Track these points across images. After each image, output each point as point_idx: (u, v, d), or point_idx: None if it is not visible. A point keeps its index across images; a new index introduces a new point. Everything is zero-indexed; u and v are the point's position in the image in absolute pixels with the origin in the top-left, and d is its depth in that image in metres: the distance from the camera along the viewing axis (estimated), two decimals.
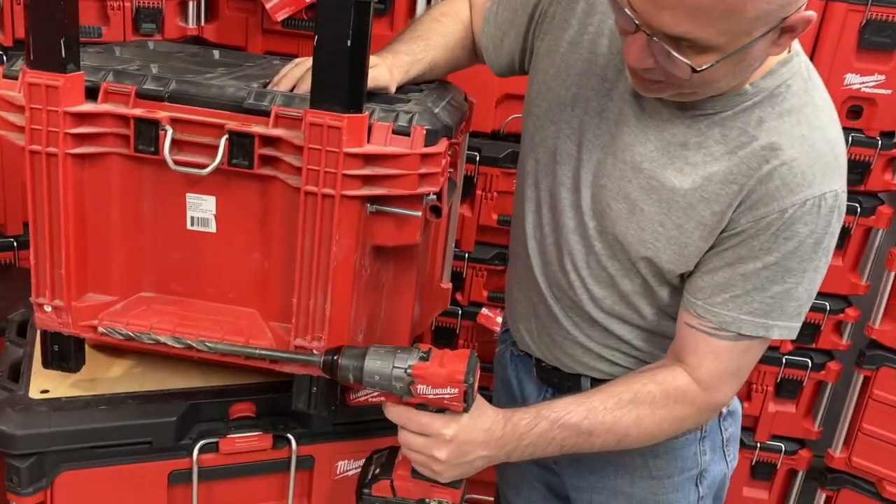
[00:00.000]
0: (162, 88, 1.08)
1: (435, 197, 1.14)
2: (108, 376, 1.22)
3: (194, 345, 1.09)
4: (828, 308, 2.08)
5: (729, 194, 1.06)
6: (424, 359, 1.04)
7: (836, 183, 1.06)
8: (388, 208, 1.08)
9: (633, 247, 1.12)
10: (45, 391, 1.17)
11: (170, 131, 1.06)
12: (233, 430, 1.21)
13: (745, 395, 2.21)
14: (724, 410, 1.30)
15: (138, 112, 1.06)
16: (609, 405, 1.11)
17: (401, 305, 1.29)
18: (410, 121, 1.07)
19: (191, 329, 1.12)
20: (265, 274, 1.13)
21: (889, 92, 1.93)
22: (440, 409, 1.06)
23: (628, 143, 1.11)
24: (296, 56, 2.01)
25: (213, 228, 1.12)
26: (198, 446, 1.18)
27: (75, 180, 1.07)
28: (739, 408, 1.37)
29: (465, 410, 1.05)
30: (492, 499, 2.37)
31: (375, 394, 1.28)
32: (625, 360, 1.25)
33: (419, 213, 1.09)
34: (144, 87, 1.08)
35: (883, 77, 1.92)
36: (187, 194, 1.11)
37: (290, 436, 1.23)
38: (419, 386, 1.03)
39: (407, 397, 1.05)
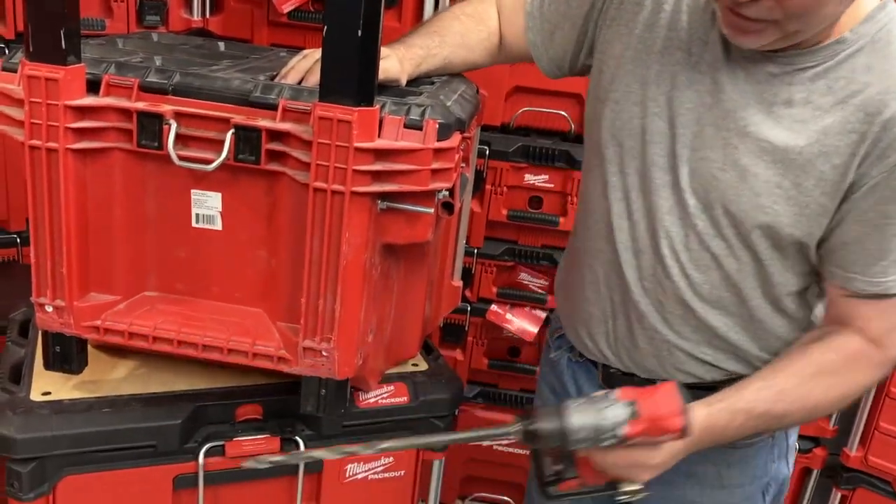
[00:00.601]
0: (166, 81, 1.04)
1: (447, 193, 1.10)
2: (112, 378, 1.19)
3: (358, 451, 1.05)
4: None
5: (849, 145, 1.03)
6: (634, 414, 0.99)
7: None
8: (400, 205, 1.05)
9: (748, 215, 1.08)
10: (47, 393, 1.13)
11: (174, 125, 1.02)
12: (239, 433, 1.18)
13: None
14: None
15: (141, 106, 1.02)
16: (795, 383, 1.10)
17: (411, 304, 1.26)
18: (423, 114, 1.03)
19: (196, 330, 1.09)
20: (272, 273, 1.09)
21: None
22: None
23: (729, 111, 1.07)
24: (303, 49, 2.00)
25: (218, 226, 1.09)
26: (203, 450, 1.15)
27: (76, 176, 1.03)
28: None
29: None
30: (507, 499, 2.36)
31: (386, 395, 1.26)
32: (714, 358, 1.20)
33: (431, 210, 1.06)
34: (148, 79, 1.04)
35: None
36: (192, 191, 1.07)
37: (298, 439, 1.20)
38: (632, 440, 1.00)
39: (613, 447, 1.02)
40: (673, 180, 1.12)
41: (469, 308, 2.18)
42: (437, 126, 1.03)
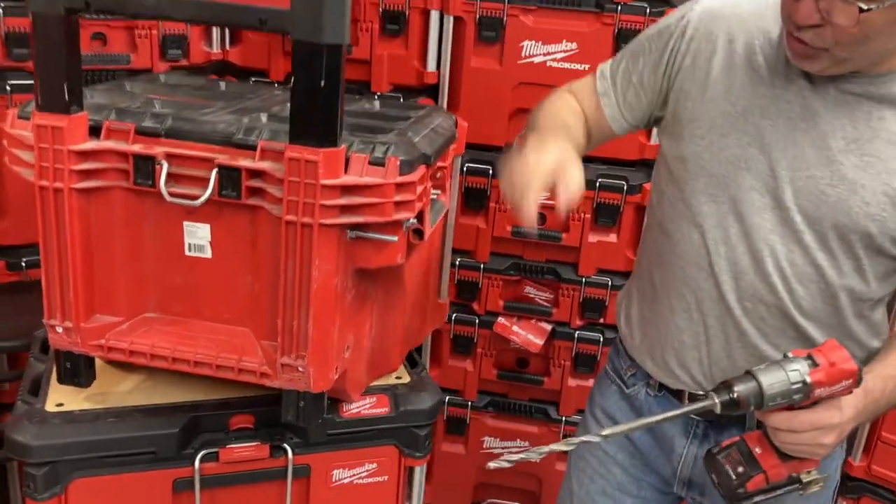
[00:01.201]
0: (159, 125, 1.17)
1: (415, 221, 1.21)
2: (119, 390, 1.32)
3: (590, 439, 1.09)
4: None
5: None
6: (814, 364, 1.06)
7: None
8: (368, 234, 1.15)
9: (858, 224, 1.17)
10: (60, 404, 1.27)
11: (165, 166, 1.15)
12: (232, 441, 1.29)
13: None
14: None
15: (137, 148, 1.15)
16: None
17: (392, 321, 1.36)
18: (386, 152, 1.14)
19: (189, 347, 1.21)
20: (256, 296, 1.21)
21: None
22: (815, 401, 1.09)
23: (826, 132, 1.18)
24: None
25: (208, 254, 1.21)
26: (199, 456, 1.27)
27: (81, 212, 1.16)
28: None
29: (851, 393, 1.09)
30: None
31: (368, 405, 1.36)
32: None
33: (395, 238, 1.16)
34: (143, 124, 1.17)
35: None
36: (184, 223, 1.20)
37: (286, 446, 1.31)
38: (818, 390, 1.06)
39: (800, 403, 1.08)
40: (774, 202, 1.22)
41: (477, 321, 2.26)
42: (399, 162, 1.13)
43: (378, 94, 2.09)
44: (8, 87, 1.84)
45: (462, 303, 2.27)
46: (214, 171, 1.13)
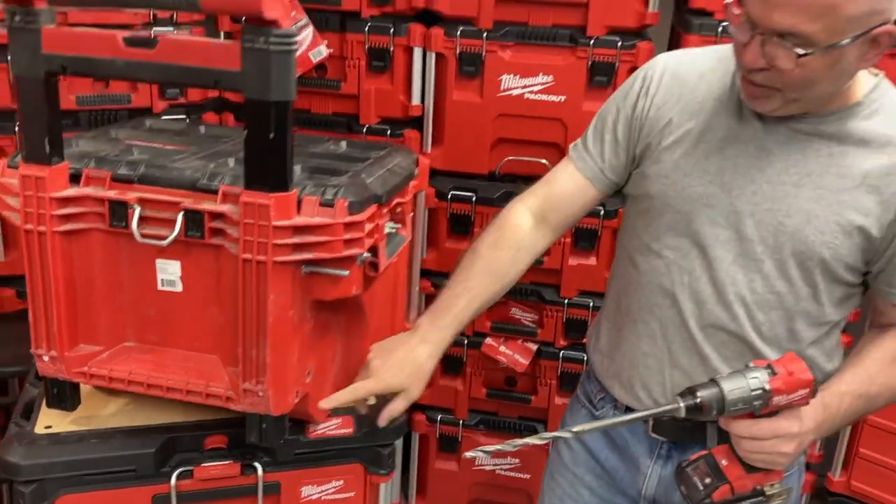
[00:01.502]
0: (132, 172, 1.29)
1: (369, 255, 1.31)
2: (104, 413, 1.44)
3: (562, 435, 1.19)
4: None
5: (889, 184, 1.23)
6: (773, 373, 1.13)
7: None
8: (321, 269, 1.26)
9: (815, 250, 1.26)
10: (49, 427, 1.38)
11: (137, 210, 1.26)
12: (207, 460, 1.40)
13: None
14: None
15: (112, 194, 1.27)
16: (879, 367, 1.29)
17: (356, 347, 1.46)
18: (336, 194, 1.24)
19: (162, 374, 1.33)
20: (222, 326, 1.32)
21: None
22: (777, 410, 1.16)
23: (781, 169, 1.27)
24: (308, 111, 2.23)
25: (179, 288, 1.32)
26: (175, 473, 1.38)
27: (63, 252, 1.28)
28: None
29: (807, 403, 1.16)
30: None
31: (334, 426, 1.46)
32: None
33: (347, 273, 1.26)
34: (119, 172, 1.29)
35: None
36: (157, 260, 1.31)
37: (256, 464, 1.41)
38: (776, 398, 1.12)
39: (760, 411, 1.14)
40: (736, 234, 1.31)
41: (466, 341, 2.35)
42: (348, 203, 1.24)
43: (366, 126, 2.20)
44: (17, 129, 1.98)
45: None
46: (181, 214, 1.25)
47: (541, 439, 1.17)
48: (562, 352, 2.30)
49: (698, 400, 1.13)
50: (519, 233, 1.45)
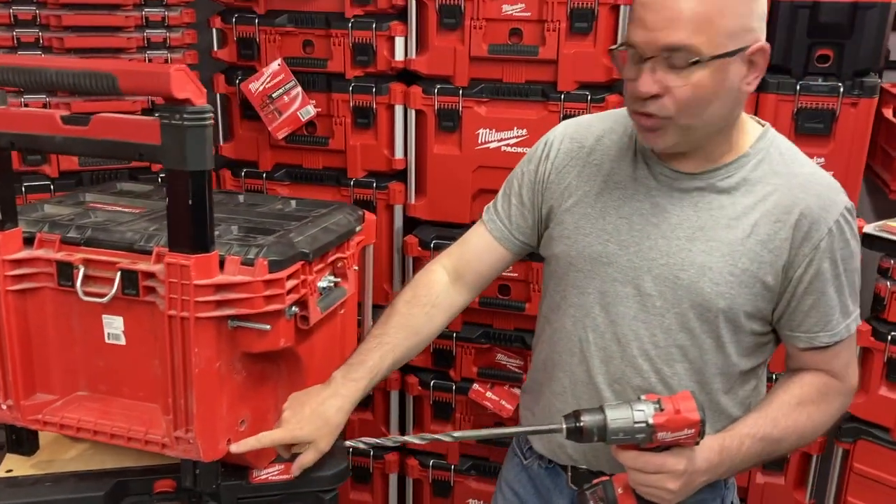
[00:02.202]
0: (79, 236, 1.41)
1: (297, 309, 1.40)
2: (64, 457, 1.54)
3: (441, 438, 1.27)
4: None
5: (777, 232, 1.29)
6: (660, 409, 1.16)
7: (845, 195, 1.34)
8: (244, 323, 1.34)
9: (712, 301, 1.31)
10: (9, 470, 1.49)
11: (82, 270, 1.38)
12: (155, 503, 1.49)
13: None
14: (729, 482, 1.48)
15: (59, 256, 1.39)
16: (785, 411, 1.33)
17: None
18: (258, 253, 1.33)
19: (108, 421, 1.43)
20: (161, 377, 1.41)
21: (830, 174, 1.99)
22: (668, 445, 1.19)
23: (675, 224, 1.33)
24: (300, 166, 2.34)
25: (123, 342, 1.43)
26: None
27: (17, 309, 1.40)
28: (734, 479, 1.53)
29: (697, 444, 1.19)
30: None
31: (276, 472, 1.53)
32: None
33: (268, 327, 1.35)
34: (67, 235, 1.41)
35: (822, 160, 1.99)
36: (103, 315, 1.42)
37: None
38: (660, 433, 1.16)
39: (644, 444, 1.18)
40: (635, 290, 1.36)
41: (454, 387, 2.41)
42: (268, 262, 1.32)
43: (353, 179, 2.30)
44: (23, 189, 2.14)
45: (439, 370, 2.42)
46: (118, 274, 1.35)
47: (421, 439, 1.27)
48: None
49: (580, 424, 1.17)
50: (434, 290, 1.52)
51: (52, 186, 2.19)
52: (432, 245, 2.25)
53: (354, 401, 1.40)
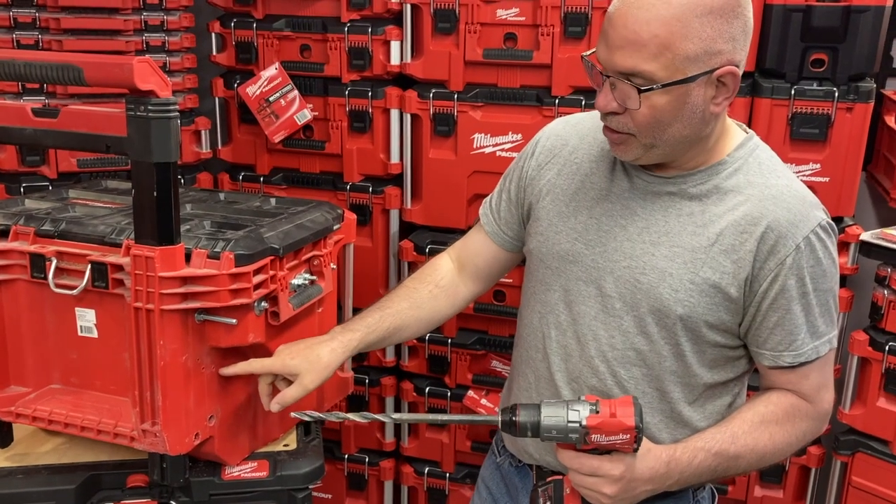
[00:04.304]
0: (53, 229, 1.42)
1: (266, 305, 1.40)
2: (40, 451, 1.55)
3: (380, 418, 1.29)
4: None
5: (743, 243, 1.25)
6: (595, 411, 1.15)
7: (822, 212, 1.29)
8: (211, 317, 1.34)
9: (670, 308, 1.28)
10: None
11: (54, 262, 1.39)
12: (128, 497, 1.49)
13: (730, 479, 2.22)
14: (699, 496, 1.43)
15: (32, 248, 1.40)
16: (746, 429, 1.29)
17: None
18: (225, 247, 1.33)
19: (79, 414, 1.43)
20: (131, 370, 1.41)
21: (826, 180, 1.96)
22: (609, 449, 1.18)
23: (643, 227, 1.32)
24: (297, 170, 2.35)
25: (95, 335, 1.43)
26: None
27: None
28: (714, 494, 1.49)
29: (635, 451, 1.17)
30: None
31: (249, 469, 1.53)
32: None
33: (234, 321, 1.34)
34: (42, 228, 1.42)
35: (818, 166, 1.96)
36: (76, 308, 1.43)
37: (173, 503, 1.49)
38: (594, 435, 1.15)
39: (581, 445, 1.17)
40: (597, 290, 1.34)
41: (449, 394, 2.39)
42: (234, 256, 1.32)
43: (349, 183, 2.31)
44: (21, 189, 2.17)
45: (434, 376, 2.41)
46: (88, 266, 1.36)
47: (363, 418, 1.27)
48: None
49: (515, 417, 1.17)
50: (439, 272, 1.55)
51: (50, 187, 2.21)
52: (427, 250, 2.24)
53: (349, 348, 1.41)
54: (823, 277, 1.27)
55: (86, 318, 1.43)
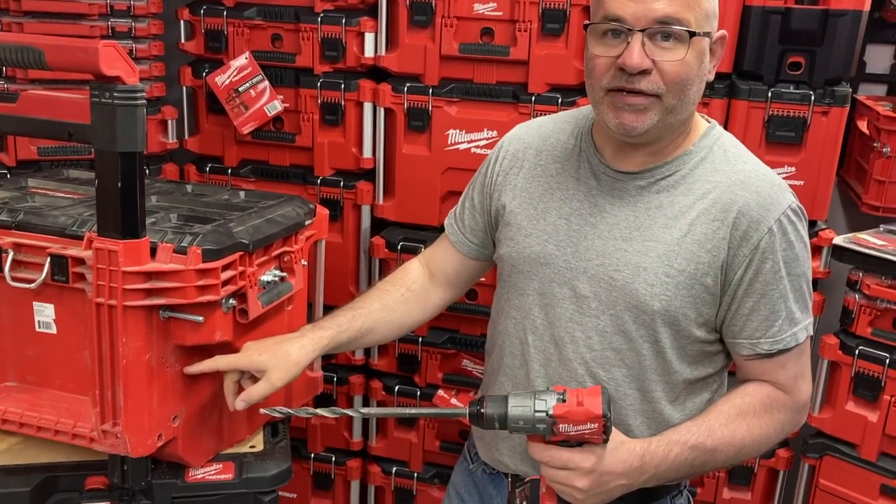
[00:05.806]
0: (10, 219, 1.35)
1: (235, 302, 1.35)
2: None
3: (349, 412, 1.28)
4: None
5: (716, 231, 1.24)
6: (562, 400, 1.13)
7: (791, 195, 1.28)
8: (176, 314, 1.29)
9: (647, 303, 1.26)
10: None
11: (11, 254, 1.33)
12: (85, 500, 1.43)
13: (698, 480, 2.21)
14: (682, 498, 1.42)
15: None
16: (722, 421, 1.26)
17: None
18: (192, 242, 1.28)
19: (36, 413, 1.37)
20: (91, 369, 1.35)
21: (801, 183, 1.96)
22: (580, 442, 1.16)
23: (612, 224, 1.29)
24: (267, 162, 2.30)
25: (54, 330, 1.37)
26: None
27: None
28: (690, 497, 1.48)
29: (605, 441, 1.15)
30: None
31: (214, 471, 1.48)
32: None
33: (201, 319, 1.30)
34: None
35: (793, 169, 1.96)
36: (34, 303, 1.37)
37: None
38: (561, 425, 1.13)
39: (549, 436, 1.14)
40: (571, 291, 1.32)
41: (419, 392, 2.35)
42: (201, 251, 1.27)
43: (320, 177, 2.26)
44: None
45: (404, 375, 2.37)
46: (48, 259, 1.30)
47: (332, 413, 1.25)
48: None
49: (483, 409, 1.15)
50: (410, 276, 1.53)
51: (8, 175, 2.13)
52: (399, 247, 2.20)
53: (319, 346, 1.38)
54: (796, 261, 1.26)
55: (44, 313, 1.37)
